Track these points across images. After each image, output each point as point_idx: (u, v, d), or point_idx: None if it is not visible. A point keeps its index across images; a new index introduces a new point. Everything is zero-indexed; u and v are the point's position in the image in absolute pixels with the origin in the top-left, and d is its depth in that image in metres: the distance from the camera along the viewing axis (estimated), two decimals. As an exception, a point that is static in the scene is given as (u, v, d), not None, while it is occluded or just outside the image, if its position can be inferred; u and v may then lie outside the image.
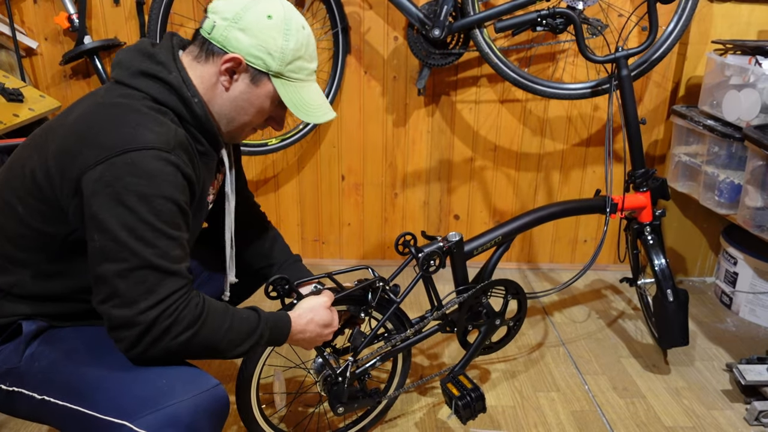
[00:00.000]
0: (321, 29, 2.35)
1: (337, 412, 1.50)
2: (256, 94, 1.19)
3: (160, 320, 1.02)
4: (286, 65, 1.17)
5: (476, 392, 1.55)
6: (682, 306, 1.91)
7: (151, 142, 1.05)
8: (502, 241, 1.74)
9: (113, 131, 1.05)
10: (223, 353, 1.12)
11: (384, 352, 1.56)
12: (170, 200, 1.05)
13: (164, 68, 1.14)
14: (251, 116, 1.22)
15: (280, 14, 1.16)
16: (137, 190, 1.02)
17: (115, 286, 1.01)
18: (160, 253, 1.03)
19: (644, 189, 1.91)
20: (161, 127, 1.08)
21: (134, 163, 1.02)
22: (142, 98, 1.12)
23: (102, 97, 1.13)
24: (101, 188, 1.02)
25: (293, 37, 1.17)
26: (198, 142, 1.18)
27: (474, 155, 2.54)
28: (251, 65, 1.16)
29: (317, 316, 1.30)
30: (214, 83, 1.18)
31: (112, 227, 1.01)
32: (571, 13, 1.75)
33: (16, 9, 2.32)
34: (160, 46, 1.18)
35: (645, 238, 1.94)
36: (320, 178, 2.58)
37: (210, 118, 1.18)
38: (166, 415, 1.00)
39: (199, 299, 1.08)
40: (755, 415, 1.75)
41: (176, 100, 1.14)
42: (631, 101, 1.86)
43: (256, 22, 1.14)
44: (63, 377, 1.10)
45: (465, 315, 1.68)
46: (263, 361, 1.43)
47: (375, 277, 1.50)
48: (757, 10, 2.26)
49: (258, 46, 1.14)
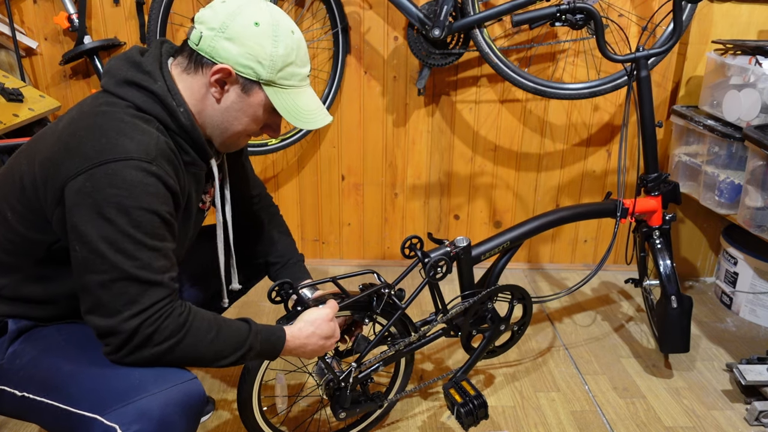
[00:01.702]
0: (321, 29, 2.35)
1: (339, 417, 1.49)
2: (248, 103, 1.18)
3: (142, 329, 1.03)
4: (276, 72, 1.16)
5: (479, 399, 1.54)
6: (686, 313, 1.89)
7: (132, 152, 1.04)
8: (510, 246, 1.72)
9: (95, 141, 1.05)
10: (209, 363, 1.12)
11: (387, 356, 1.55)
12: (151, 211, 1.04)
13: (150, 77, 1.13)
14: (245, 125, 1.21)
15: (267, 20, 1.15)
16: (117, 202, 1.02)
17: (98, 296, 1.03)
18: (141, 265, 1.03)
19: (656, 193, 1.89)
20: (143, 135, 1.08)
21: (115, 173, 1.02)
22: (126, 107, 1.11)
23: (88, 106, 1.13)
24: (82, 199, 1.02)
25: (282, 43, 1.15)
26: (184, 152, 1.17)
27: (474, 155, 2.54)
28: (241, 75, 1.14)
29: (319, 329, 1.29)
30: (204, 94, 1.17)
31: (93, 239, 1.02)
32: (592, 9, 1.69)
33: (16, 9, 2.32)
34: (149, 54, 1.17)
35: (653, 242, 1.93)
36: (320, 178, 2.57)
37: (197, 128, 1.17)
38: (136, 409, 1.01)
39: (183, 309, 1.08)
40: (755, 415, 1.75)
41: (161, 109, 1.13)
42: (648, 103, 1.81)
43: (243, 30, 1.13)
44: (41, 373, 1.11)
45: (470, 320, 1.67)
46: (266, 364, 1.43)
47: (381, 283, 1.48)
48: (757, 10, 2.26)
49: (246, 55, 1.13)
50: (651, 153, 1.86)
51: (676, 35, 1.77)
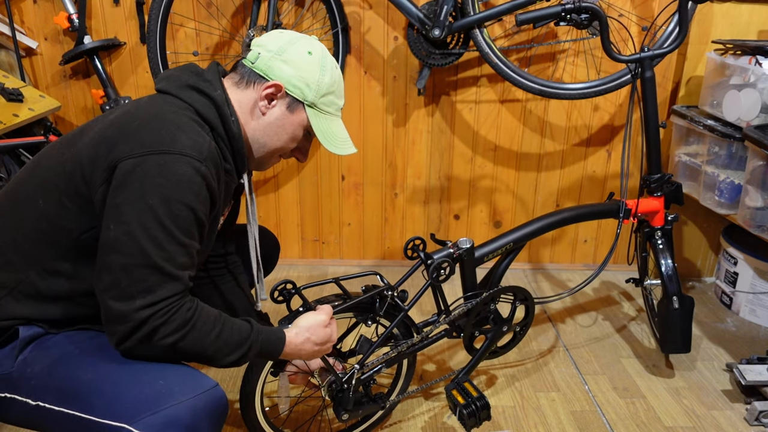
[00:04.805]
0: (321, 29, 2.35)
1: (342, 419, 1.49)
2: (291, 120, 1.28)
3: (152, 320, 1.04)
4: (320, 97, 1.27)
5: (481, 401, 1.54)
6: (687, 313, 1.90)
7: (187, 149, 1.10)
8: (513, 248, 1.72)
9: (154, 131, 1.10)
10: (210, 360, 1.13)
11: (390, 357, 1.55)
12: (189, 207, 1.08)
13: (211, 85, 1.22)
14: (283, 142, 1.30)
15: (318, 52, 1.29)
16: (162, 192, 1.05)
17: (118, 277, 1.04)
18: (166, 257, 1.06)
19: (659, 194, 1.89)
20: (199, 137, 1.13)
21: (166, 164, 1.07)
22: (186, 108, 1.18)
23: (146, 102, 1.19)
24: (131, 181, 1.06)
25: (329, 73, 1.28)
26: (226, 159, 1.23)
27: (474, 155, 2.54)
28: (290, 93, 1.26)
29: (314, 335, 1.30)
30: (252, 107, 1.26)
31: (130, 221, 1.04)
32: (597, 9, 1.68)
33: (16, 9, 2.31)
34: (208, 69, 1.28)
35: (655, 242, 1.93)
36: (320, 178, 2.57)
37: (242, 138, 1.25)
38: (165, 417, 1.01)
39: (191, 304, 1.10)
40: (755, 415, 1.75)
41: (216, 115, 1.21)
42: (652, 103, 1.80)
43: (298, 56, 1.26)
44: (57, 382, 1.10)
45: (472, 321, 1.67)
46: (269, 365, 1.43)
47: (383, 285, 1.49)
48: (757, 10, 2.26)
49: (298, 77, 1.25)
50: (654, 154, 1.86)
51: (682, 35, 1.76)
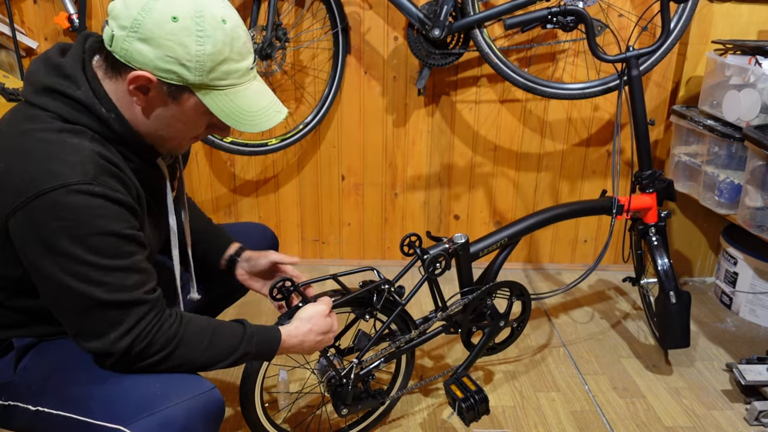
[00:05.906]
0: (321, 29, 2.35)
1: (341, 414, 1.50)
2: (180, 110, 1.04)
3: (134, 346, 1.01)
4: (207, 74, 0.99)
5: (480, 394, 1.55)
6: (685, 308, 1.91)
7: (68, 177, 0.93)
8: (508, 243, 1.73)
9: (23, 170, 0.94)
10: (203, 368, 1.11)
11: (388, 353, 1.56)
12: (106, 234, 0.96)
13: (72, 82, 1.00)
14: (182, 132, 1.08)
15: (187, 12, 0.96)
16: (67, 234, 0.94)
17: (78, 324, 1.01)
18: (112, 288, 0.98)
19: (650, 190, 1.90)
20: (75, 155, 0.96)
21: (54, 204, 0.93)
22: (51, 119, 0.98)
23: (7, 124, 1.01)
24: (30, 237, 0.95)
25: (209, 38, 0.97)
26: (128, 159, 1.06)
27: (474, 155, 2.55)
28: (164, 80, 0.99)
29: (316, 326, 1.29)
30: (130, 102, 1.02)
31: (55, 275, 0.96)
32: (582, 11, 1.72)
33: (16, 9, 2.32)
34: (70, 54, 1.02)
35: (649, 239, 1.94)
36: (320, 178, 2.58)
37: (134, 132, 1.05)
38: (161, 419, 1.00)
39: (174, 319, 1.06)
40: (755, 415, 1.75)
41: (89, 119, 1.00)
42: (640, 102, 1.84)
43: (158, 27, 0.95)
44: (55, 386, 1.09)
45: (469, 316, 1.68)
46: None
47: (380, 280, 1.49)
48: (757, 10, 2.26)
49: (166, 58, 0.96)
50: (645, 151, 1.89)
51: (664, 35, 1.81)
